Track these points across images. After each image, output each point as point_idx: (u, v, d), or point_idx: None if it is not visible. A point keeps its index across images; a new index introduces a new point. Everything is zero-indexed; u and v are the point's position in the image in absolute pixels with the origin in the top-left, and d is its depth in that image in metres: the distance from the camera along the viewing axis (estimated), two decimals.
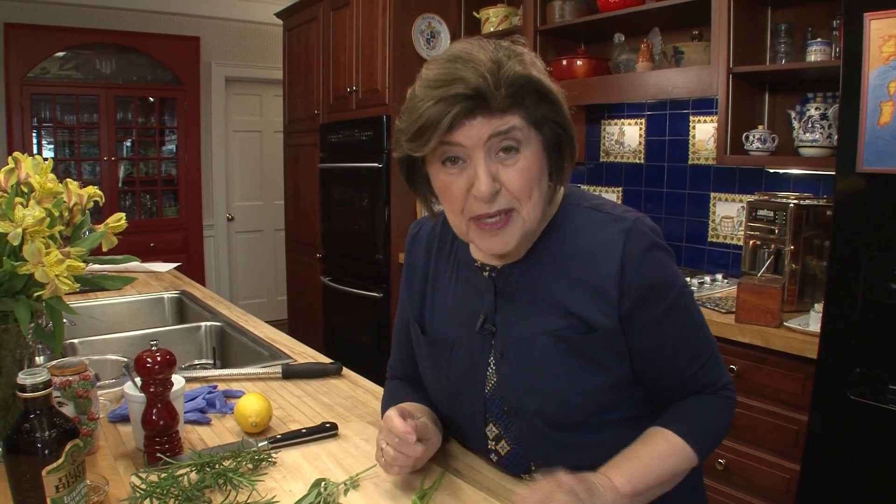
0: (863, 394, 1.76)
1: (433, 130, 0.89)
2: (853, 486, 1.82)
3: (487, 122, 0.90)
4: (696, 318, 1.06)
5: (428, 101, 0.90)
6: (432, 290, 1.17)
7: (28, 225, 1.05)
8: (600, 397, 1.02)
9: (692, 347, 1.05)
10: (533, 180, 0.94)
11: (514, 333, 1.05)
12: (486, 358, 1.08)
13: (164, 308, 2.57)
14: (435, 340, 1.14)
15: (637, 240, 0.98)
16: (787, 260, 2.28)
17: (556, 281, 1.02)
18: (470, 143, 0.91)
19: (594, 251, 1.00)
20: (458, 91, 0.88)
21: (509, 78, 0.89)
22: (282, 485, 1.02)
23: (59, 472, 0.86)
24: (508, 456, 1.10)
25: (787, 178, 2.64)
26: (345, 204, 4.18)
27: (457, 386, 1.11)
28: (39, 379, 0.86)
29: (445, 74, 0.90)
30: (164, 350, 1.13)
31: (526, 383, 1.03)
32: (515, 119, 0.91)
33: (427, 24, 3.75)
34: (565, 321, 1.01)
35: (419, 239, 1.22)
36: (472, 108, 0.89)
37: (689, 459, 1.01)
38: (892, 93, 1.68)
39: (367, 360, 3.86)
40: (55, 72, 4.96)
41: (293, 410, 1.41)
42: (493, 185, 0.92)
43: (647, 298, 0.98)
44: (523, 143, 0.92)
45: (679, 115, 3.03)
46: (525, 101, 0.92)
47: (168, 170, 5.59)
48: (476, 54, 0.91)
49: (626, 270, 0.97)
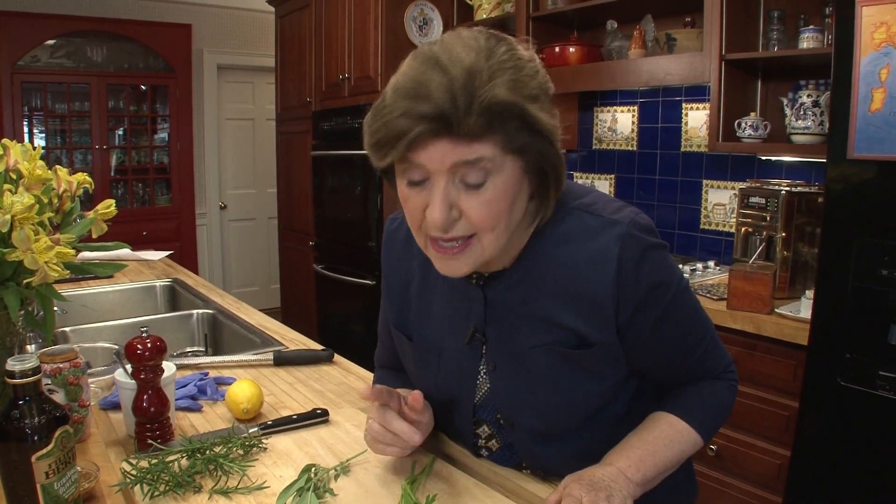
0: (853, 379, 1.78)
1: (391, 147, 0.82)
2: (843, 472, 1.83)
3: (453, 148, 0.80)
4: (694, 309, 1.03)
5: (393, 113, 0.80)
6: (417, 293, 1.11)
7: (17, 212, 1.04)
8: (595, 401, 1.00)
9: (692, 339, 1.03)
10: (500, 212, 0.85)
11: (506, 347, 1.01)
12: (477, 367, 1.05)
13: (156, 296, 2.57)
14: (422, 347, 1.10)
15: (632, 246, 0.92)
16: (779, 247, 2.29)
17: (548, 294, 0.97)
18: (432, 167, 0.82)
19: (587, 261, 0.93)
20: (423, 111, 0.78)
21: (485, 104, 0.78)
22: (272, 470, 1.03)
23: (49, 458, 0.85)
24: (499, 453, 1.10)
25: (780, 166, 2.64)
26: (337, 191, 4.17)
27: (446, 392, 1.09)
28: (28, 365, 0.86)
29: (415, 84, 0.80)
30: (154, 337, 1.13)
31: (521, 397, 1.00)
32: (487, 148, 0.81)
33: (419, 10, 3.73)
34: (559, 335, 0.96)
35: (396, 240, 1.14)
36: (436, 130, 0.79)
37: (694, 443, 1.01)
38: (884, 80, 1.68)
39: (360, 347, 3.86)
40: (46, 60, 4.92)
41: (284, 397, 1.41)
42: (448, 214, 0.84)
43: (646, 303, 0.94)
44: (494, 172, 0.83)
45: (671, 102, 3.02)
46: (503, 127, 0.81)
47: (160, 158, 5.57)
48: (457, 58, 0.80)
49: (623, 280, 0.92)
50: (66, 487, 0.88)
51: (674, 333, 0.99)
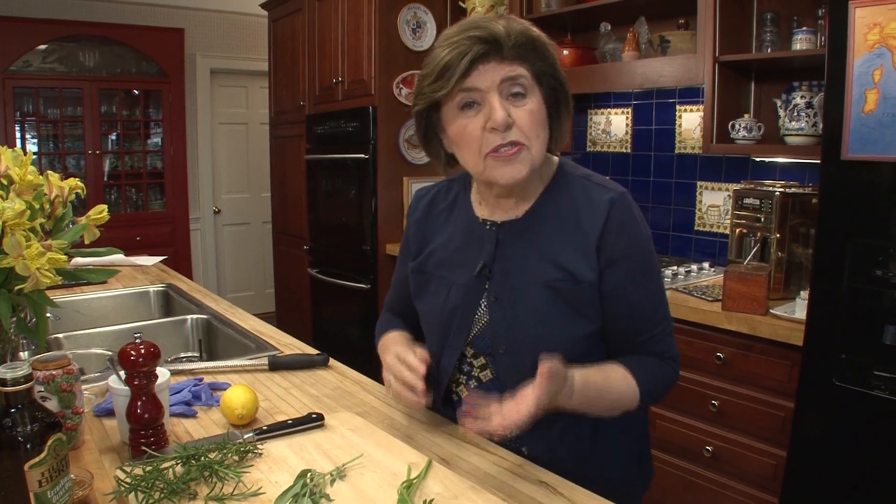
0: (848, 380, 1.78)
1: (453, 70, 1.05)
2: (840, 472, 1.83)
3: (499, 67, 1.06)
4: (658, 293, 1.19)
5: (447, 48, 1.06)
6: (438, 243, 1.30)
7: (8, 217, 1.03)
8: (579, 344, 1.15)
9: (651, 316, 1.18)
10: (540, 121, 1.10)
11: (509, 281, 1.18)
12: (479, 299, 1.21)
13: (149, 301, 2.56)
14: (437, 281, 1.27)
15: (620, 210, 1.13)
16: (773, 248, 2.29)
17: (551, 238, 1.16)
18: (485, 86, 1.06)
19: (584, 214, 1.15)
20: (475, 34, 1.04)
21: (517, 31, 1.06)
22: (268, 476, 1.02)
23: (42, 466, 0.85)
24: (488, 384, 1.23)
25: (773, 167, 2.65)
26: (332, 195, 4.16)
27: (448, 321, 1.24)
28: (20, 373, 0.85)
29: (471, 22, 1.08)
30: (147, 342, 1.12)
31: (518, 327, 1.16)
32: (522, 69, 1.07)
33: (413, 13, 3.73)
34: (557, 273, 1.14)
35: (421, 204, 1.37)
36: (486, 51, 1.05)
37: (632, 396, 1.14)
38: (877, 81, 1.69)
39: (356, 351, 3.85)
40: (38, 65, 4.89)
41: (280, 402, 1.40)
42: (507, 117, 1.06)
43: (620, 262, 1.13)
44: (529, 90, 1.08)
45: (665, 104, 3.03)
46: (529, 55, 1.08)
47: (154, 163, 5.54)
48: (487, 20, 1.08)
49: (606, 234, 1.12)
50: (59, 496, 0.88)
51: (636, 299, 1.15)
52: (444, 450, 1.16)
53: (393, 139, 3.74)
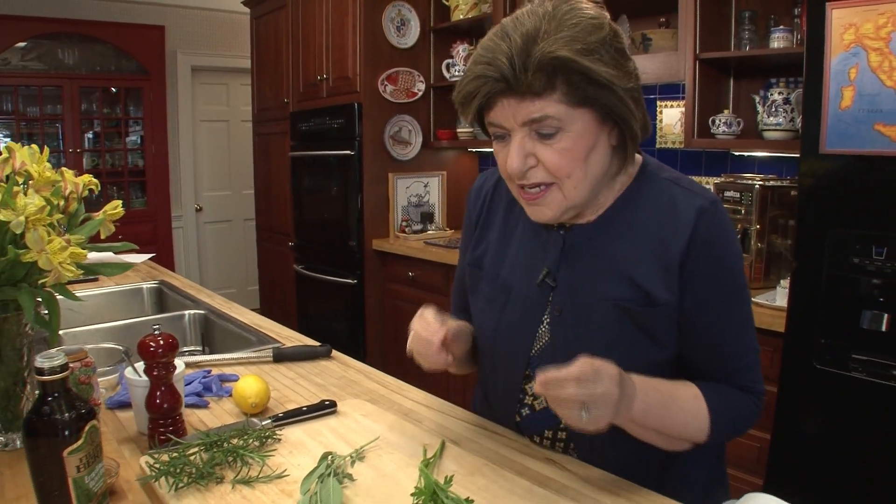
0: (828, 363, 1.86)
1: (468, 105, 0.96)
2: (822, 452, 1.91)
3: (519, 105, 0.92)
4: (745, 320, 1.05)
5: (470, 75, 0.95)
6: (497, 236, 1.18)
7: (30, 213, 1.06)
8: (648, 372, 0.98)
9: (735, 345, 1.04)
10: (574, 160, 0.95)
11: (575, 295, 1.05)
12: (541, 314, 1.09)
13: (143, 298, 2.57)
14: (494, 283, 1.16)
15: (710, 222, 0.98)
16: (754, 239, 2.37)
17: (625, 250, 1.02)
18: (507, 124, 0.95)
19: (666, 224, 1.00)
20: (487, 73, 0.91)
21: (539, 61, 0.88)
22: (289, 459, 1.06)
23: (80, 452, 0.88)
24: (542, 412, 1.12)
25: (752, 161, 2.73)
26: (317, 192, 4.19)
27: (505, 338, 1.13)
28: (57, 362, 0.88)
29: (485, 51, 0.93)
30: (166, 334, 1.16)
31: (582, 349, 0.96)
32: (550, 104, 0.91)
33: (397, 11, 3.76)
34: (629, 292, 1.01)
35: (481, 191, 1.25)
36: (501, 89, 0.92)
37: (700, 426, 1.00)
38: (853, 78, 1.76)
39: (343, 346, 3.82)
40: (16, 62, 4.85)
41: (288, 392, 1.44)
42: (523, 163, 0.95)
43: (704, 284, 0.99)
44: (566, 123, 0.92)
45: (647, 100, 3.09)
46: (566, 80, 0.90)
47: (135, 161, 5.52)
48: (520, 25, 0.91)
49: (691, 250, 0.98)
50: (95, 481, 0.91)
51: (720, 328, 1.01)
52: (452, 432, 1.20)
53: (378, 135, 3.78)
